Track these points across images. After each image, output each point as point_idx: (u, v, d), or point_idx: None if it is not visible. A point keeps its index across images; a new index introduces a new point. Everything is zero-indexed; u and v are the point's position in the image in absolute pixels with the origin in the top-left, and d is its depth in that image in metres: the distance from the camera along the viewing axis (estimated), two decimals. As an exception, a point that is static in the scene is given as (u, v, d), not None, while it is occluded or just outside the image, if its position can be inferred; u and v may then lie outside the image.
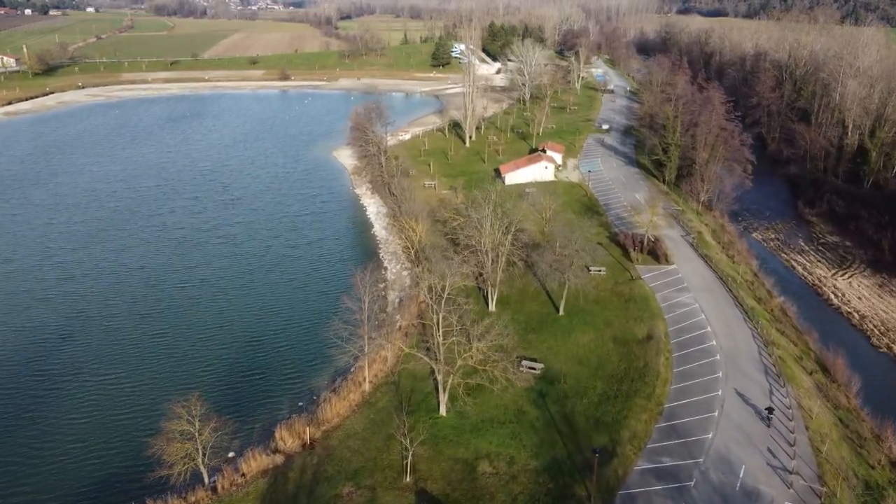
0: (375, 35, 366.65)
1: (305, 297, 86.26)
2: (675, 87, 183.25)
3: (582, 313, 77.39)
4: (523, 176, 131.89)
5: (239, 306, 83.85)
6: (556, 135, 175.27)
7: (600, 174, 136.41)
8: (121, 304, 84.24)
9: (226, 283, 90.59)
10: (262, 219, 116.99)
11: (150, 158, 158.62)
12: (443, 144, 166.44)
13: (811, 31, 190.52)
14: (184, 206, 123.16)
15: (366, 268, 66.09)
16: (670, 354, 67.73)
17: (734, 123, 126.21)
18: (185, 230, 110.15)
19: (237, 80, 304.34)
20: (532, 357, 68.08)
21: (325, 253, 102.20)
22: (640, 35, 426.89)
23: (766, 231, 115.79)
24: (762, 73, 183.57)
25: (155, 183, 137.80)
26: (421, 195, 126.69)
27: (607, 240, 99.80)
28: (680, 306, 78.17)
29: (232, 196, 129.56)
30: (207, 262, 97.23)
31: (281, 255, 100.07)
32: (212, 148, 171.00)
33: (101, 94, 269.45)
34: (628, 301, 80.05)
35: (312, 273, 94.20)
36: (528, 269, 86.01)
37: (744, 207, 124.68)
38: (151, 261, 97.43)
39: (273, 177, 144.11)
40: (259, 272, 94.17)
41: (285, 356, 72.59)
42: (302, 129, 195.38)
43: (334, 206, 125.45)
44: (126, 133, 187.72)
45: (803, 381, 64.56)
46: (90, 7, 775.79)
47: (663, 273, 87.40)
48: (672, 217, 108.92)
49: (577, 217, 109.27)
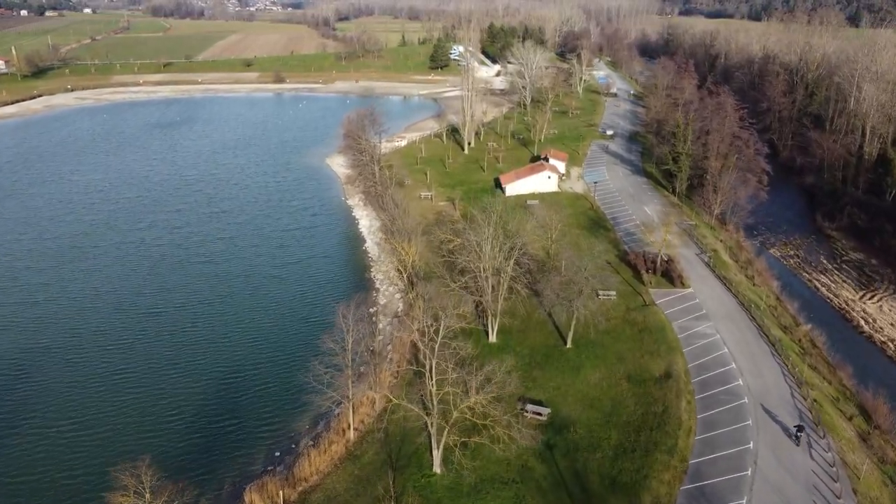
0: (373, 36, 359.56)
1: (289, 328, 78.63)
2: (683, 91, 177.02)
3: (591, 346, 70.25)
4: (525, 186, 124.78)
5: (215, 338, 76.35)
6: (559, 141, 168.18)
7: (606, 184, 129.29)
8: (85, 334, 76.84)
9: (203, 309, 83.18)
10: (247, 234, 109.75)
11: (133, 167, 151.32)
12: (440, 151, 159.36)
13: (823, 33, 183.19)
14: (165, 219, 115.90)
15: (350, 302, 58.78)
16: (692, 397, 60.58)
17: (749, 131, 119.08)
18: (163, 247, 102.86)
19: (231, 83, 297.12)
20: (537, 400, 60.95)
21: (312, 273, 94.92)
22: (641, 37, 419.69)
23: (785, 247, 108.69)
24: (772, 76, 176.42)
25: (136, 193, 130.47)
26: (416, 207, 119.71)
27: (616, 258, 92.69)
28: (699, 337, 71.03)
29: (217, 209, 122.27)
30: (185, 284, 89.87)
31: (265, 277, 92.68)
32: (200, 155, 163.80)
33: (90, 97, 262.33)
34: (642, 331, 72.90)
35: (298, 298, 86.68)
36: (533, 293, 78.88)
37: (758, 220, 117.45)
38: (124, 283, 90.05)
39: (262, 187, 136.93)
40: (240, 296, 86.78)
41: (263, 398, 65.29)
42: (295, 135, 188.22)
43: (325, 220, 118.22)
44: (111, 139, 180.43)
45: (844, 430, 57.41)
46: (87, 8, 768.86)
47: (679, 298, 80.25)
48: (685, 232, 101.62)
49: (583, 233, 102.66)
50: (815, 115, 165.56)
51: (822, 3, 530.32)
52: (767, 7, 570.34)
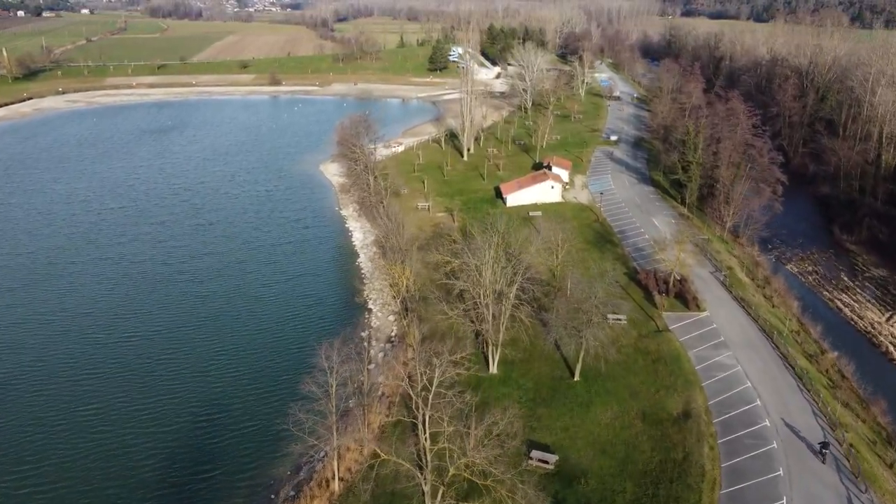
0: (371, 38, 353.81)
1: (273, 360, 71.78)
2: (690, 96, 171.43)
3: (601, 378, 64.44)
4: (527, 196, 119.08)
5: (190, 372, 69.86)
6: (561, 147, 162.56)
7: (612, 194, 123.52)
8: (52, 365, 70.77)
9: (179, 338, 76.70)
10: (235, 249, 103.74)
11: (119, 174, 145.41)
12: (438, 158, 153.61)
13: (834, 34, 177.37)
14: (148, 232, 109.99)
15: (335, 339, 52.79)
16: (714, 441, 54.75)
17: (762, 139, 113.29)
18: (144, 264, 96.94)
19: (226, 85, 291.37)
20: (544, 444, 55.15)
21: (302, 293, 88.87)
22: (643, 38, 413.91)
23: (802, 262, 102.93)
24: (782, 80, 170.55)
25: (120, 204, 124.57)
26: (413, 219, 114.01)
27: (625, 277, 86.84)
28: (719, 369, 65.25)
29: (204, 220, 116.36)
30: (163, 308, 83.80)
31: (251, 299, 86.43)
32: (189, 162, 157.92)
33: (81, 99, 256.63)
34: (656, 361, 67.11)
35: (285, 323, 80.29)
36: (537, 317, 73.09)
37: (773, 233, 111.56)
38: (99, 306, 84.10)
39: (253, 197, 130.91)
40: (223, 322, 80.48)
41: (240, 442, 59.06)
42: (289, 140, 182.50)
43: (317, 232, 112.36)
44: (98, 145, 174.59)
45: (886, 482, 51.55)
46: (85, 9, 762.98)
47: (695, 322, 74.46)
48: (697, 248, 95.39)
49: (589, 248, 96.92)
50: (826, 120, 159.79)
51: (825, 3, 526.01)
52: (769, 8, 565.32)
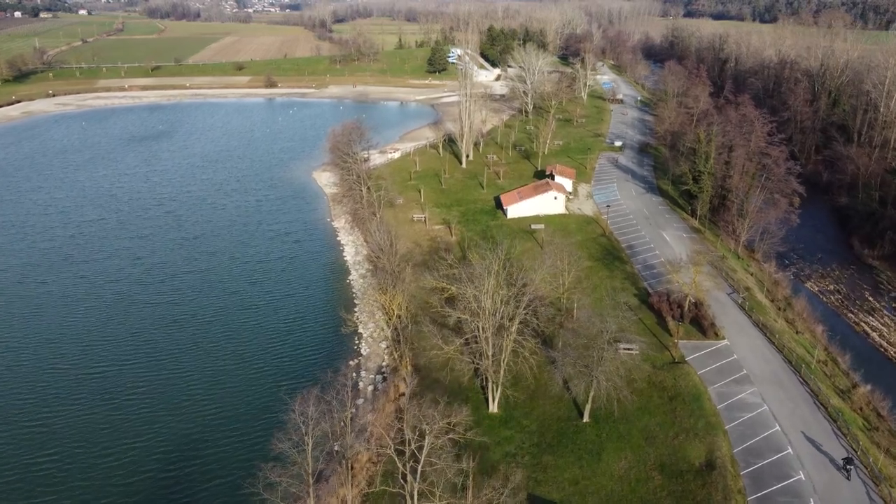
0: (368, 39, 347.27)
1: (250, 401, 64.79)
2: (698, 100, 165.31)
3: (613, 421, 58.20)
4: (529, 208, 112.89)
5: (160, 410, 63.26)
6: (564, 153, 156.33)
7: (618, 204, 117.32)
8: (6, 401, 64.66)
9: (153, 366, 70.48)
10: (219, 266, 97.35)
11: (102, 183, 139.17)
12: (436, 165, 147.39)
13: (847, 36, 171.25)
14: (128, 247, 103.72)
15: (312, 389, 46.54)
16: (744, 498, 48.57)
17: (779, 148, 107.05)
18: (120, 284, 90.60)
19: (220, 88, 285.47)
20: (550, 501, 48.97)
21: (288, 317, 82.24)
22: (645, 39, 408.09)
23: (822, 280, 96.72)
24: (793, 83, 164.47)
25: (100, 215, 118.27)
26: (409, 232, 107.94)
27: (635, 298, 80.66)
28: (743, 408, 59.06)
29: (188, 234, 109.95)
30: (137, 334, 77.26)
31: (233, 325, 79.88)
32: (177, 169, 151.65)
33: (71, 102, 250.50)
34: (673, 399, 60.89)
35: (267, 352, 73.67)
36: (542, 350, 66.86)
37: (789, 247, 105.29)
38: (65, 332, 77.65)
39: (241, 207, 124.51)
40: (200, 350, 74.02)
41: (211, 497, 53.02)
42: (282, 146, 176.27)
43: (308, 248, 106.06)
44: (84, 151, 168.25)
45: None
46: (83, 10, 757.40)
47: (713, 353, 68.25)
48: (712, 265, 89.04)
49: (595, 265, 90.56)
50: (838, 126, 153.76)
51: (827, 4, 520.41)
52: (771, 9, 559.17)
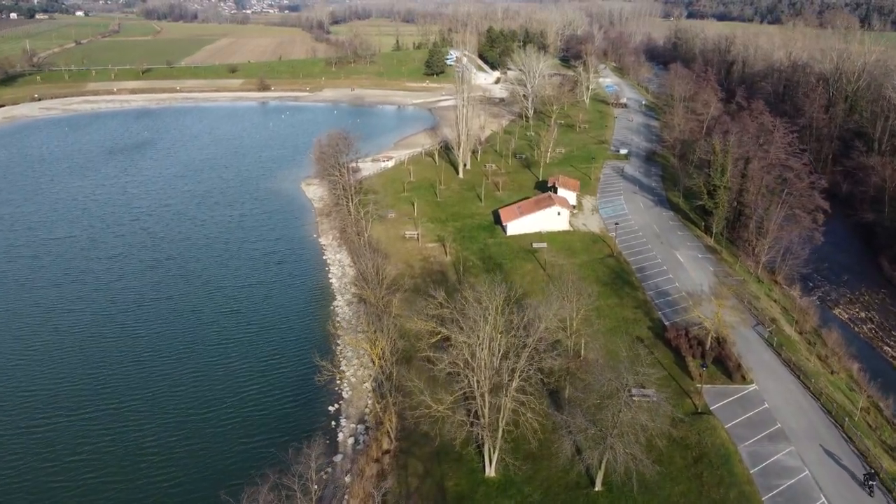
0: (365, 41, 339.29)
1: (217, 462, 56.78)
2: (708, 105, 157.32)
3: (629, 489, 49.95)
4: (530, 224, 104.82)
5: (96, 482, 54.51)
6: (567, 162, 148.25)
7: (626, 220, 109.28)
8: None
9: (104, 420, 61.73)
10: (193, 293, 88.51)
11: (77, 195, 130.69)
12: (431, 174, 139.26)
13: (865, 38, 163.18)
14: (95, 270, 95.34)
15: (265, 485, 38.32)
16: None
17: (802, 160, 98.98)
18: (81, 315, 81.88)
19: (212, 91, 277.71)
20: None
21: (265, 354, 73.08)
22: (647, 41, 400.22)
23: (852, 305, 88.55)
24: (808, 88, 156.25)
25: (69, 232, 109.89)
26: (400, 250, 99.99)
27: (649, 331, 72.60)
28: (781, 473, 50.91)
29: (163, 254, 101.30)
30: (91, 377, 68.36)
31: (203, 364, 71.12)
32: (158, 180, 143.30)
33: (56, 107, 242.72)
34: (699, 461, 52.70)
35: (238, 398, 65.26)
36: (546, 402, 58.70)
37: (813, 268, 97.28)
38: (12, 374, 69.12)
39: (223, 223, 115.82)
40: (161, 399, 65.02)
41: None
42: (272, 153, 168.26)
43: (291, 269, 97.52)
44: (62, 160, 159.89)
45: None
46: (80, 11, 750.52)
47: (741, 400, 60.08)
48: (732, 292, 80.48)
49: (604, 291, 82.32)
50: (855, 133, 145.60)
51: (831, 5, 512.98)
52: (773, 10, 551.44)
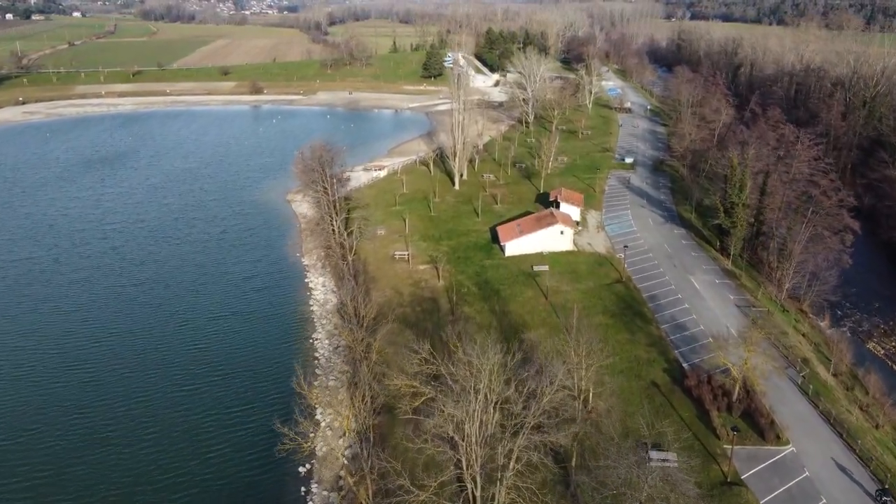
0: (361, 42, 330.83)
1: None
2: (718, 112, 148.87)
3: (652, 587, 41.73)
4: (530, 244, 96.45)
5: None
6: (569, 172, 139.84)
7: (634, 238, 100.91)
8: None
9: (41, 490, 53.74)
10: (158, 327, 79.51)
11: (46, 209, 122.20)
12: (425, 185, 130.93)
13: (885, 40, 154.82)
14: (53, 297, 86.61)
15: None
16: None
17: (828, 176, 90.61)
18: (27, 352, 73.28)
19: (203, 94, 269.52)
20: None
21: (232, 404, 64.43)
22: (650, 42, 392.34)
23: (887, 338, 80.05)
24: (825, 94, 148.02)
25: (31, 252, 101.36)
26: (389, 273, 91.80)
27: (665, 375, 64.24)
28: (830, 568, 42.62)
29: (131, 279, 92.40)
30: (27, 430, 60.72)
31: (159, 419, 62.24)
32: (135, 191, 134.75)
33: (40, 111, 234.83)
34: (732, 550, 44.41)
35: (196, 458, 57.20)
36: (549, 474, 50.31)
37: (841, 294, 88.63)
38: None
39: (201, 242, 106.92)
40: (103, 472, 56.41)
41: None
42: (260, 161, 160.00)
43: (270, 297, 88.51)
44: (38, 169, 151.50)
45: None
46: (77, 12, 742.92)
47: (777, 467, 51.67)
48: (756, 325, 71.75)
49: (612, 324, 74.13)
50: (875, 141, 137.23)
51: (835, 6, 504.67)
52: (777, 10, 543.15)
